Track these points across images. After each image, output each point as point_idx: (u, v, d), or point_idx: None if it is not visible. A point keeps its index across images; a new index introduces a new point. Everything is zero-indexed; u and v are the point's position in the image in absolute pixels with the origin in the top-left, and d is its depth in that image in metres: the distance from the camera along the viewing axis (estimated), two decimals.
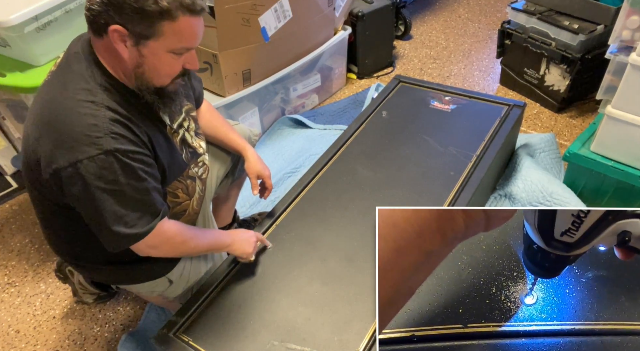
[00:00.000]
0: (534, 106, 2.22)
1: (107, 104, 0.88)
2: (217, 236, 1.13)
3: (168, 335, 1.08)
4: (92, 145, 0.84)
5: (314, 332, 1.05)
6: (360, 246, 1.22)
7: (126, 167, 0.87)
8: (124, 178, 0.87)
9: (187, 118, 1.11)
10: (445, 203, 1.30)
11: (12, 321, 1.51)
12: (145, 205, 0.92)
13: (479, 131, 1.53)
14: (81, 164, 0.85)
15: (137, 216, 0.91)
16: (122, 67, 0.90)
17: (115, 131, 0.86)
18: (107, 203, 0.88)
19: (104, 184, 0.86)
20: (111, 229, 0.90)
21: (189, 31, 0.86)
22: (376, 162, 1.47)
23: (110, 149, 0.85)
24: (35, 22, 1.29)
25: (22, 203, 1.92)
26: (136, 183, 0.89)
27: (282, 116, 2.20)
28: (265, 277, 1.18)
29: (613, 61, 1.44)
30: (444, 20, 2.99)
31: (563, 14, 1.96)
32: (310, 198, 1.37)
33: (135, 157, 0.89)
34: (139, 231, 0.92)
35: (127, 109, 0.91)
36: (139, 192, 0.90)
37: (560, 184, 1.57)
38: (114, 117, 0.87)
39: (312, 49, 2.11)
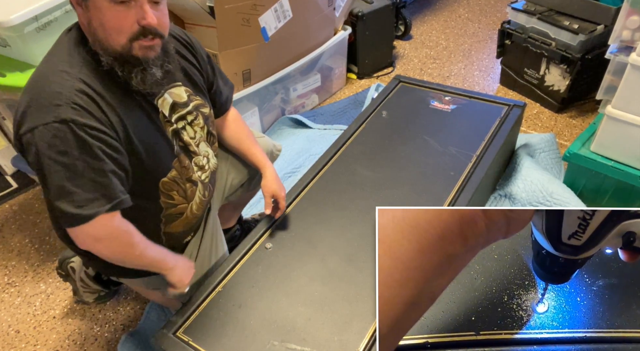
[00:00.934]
0: (534, 106, 2.22)
1: (82, 77, 0.86)
2: (164, 255, 1.06)
3: (168, 335, 1.07)
4: (49, 112, 0.82)
5: (314, 332, 1.05)
6: (360, 246, 1.22)
7: (81, 141, 0.83)
8: (76, 152, 0.83)
9: (196, 113, 1.08)
10: (445, 203, 1.30)
11: (12, 321, 1.51)
12: (98, 187, 0.86)
13: (479, 131, 1.53)
14: (37, 131, 0.82)
15: (87, 196, 0.85)
16: (87, 33, 0.88)
17: (77, 102, 0.83)
18: (55, 175, 0.84)
19: (54, 154, 0.83)
20: (54, 203, 0.85)
21: None
22: (376, 162, 1.47)
23: (66, 118, 0.82)
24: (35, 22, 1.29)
25: (22, 203, 1.92)
26: (91, 160, 0.84)
27: (282, 116, 2.20)
28: (265, 277, 1.18)
29: (613, 61, 1.44)
30: (444, 20, 2.99)
31: (563, 14, 1.96)
32: (310, 198, 1.37)
33: (93, 134, 0.84)
34: (84, 212, 0.85)
35: (106, 87, 0.88)
36: (93, 171, 0.85)
37: (560, 184, 1.57)
38: (81, 89, 0.84)
39: (312, 49, 2.11)
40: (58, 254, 1.70)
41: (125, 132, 0.91)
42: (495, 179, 1.65)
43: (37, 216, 1.86)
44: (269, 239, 1.26)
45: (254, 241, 1.26)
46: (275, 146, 1.44)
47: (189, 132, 1.08)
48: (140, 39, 0.87)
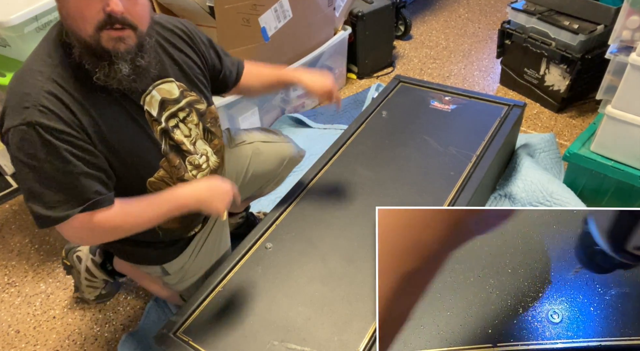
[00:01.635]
0: (534, 106, 2.22)
1: (54, 77, 0.85)
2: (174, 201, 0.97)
3: (168, 335, 1.07)
4: (18, 114, 0.82)
5: (314, 332, 1.05)
6: (360, 246, 1.22)
7: (48, 144, 0.83)
8: (43, 155, 0.83)
9: (189, 110, 1.05)
10: (445, 203, 1.30)
11: (12, 321, 1.51)
12: (68, 189, 0.86)
13: (479, 131, 1.53)
14: (10, 132, 0.83)
15: (57, 198, 0.86)
16: (63, 24, 0.86)
17: (45, 104, 0.83)
18: (26, 177, 0.85)
19: (23, 157, 0.84)
20: (27, 204, 0.87)
21: None
22: (376, 162, 1.47)
23: (32, 121, 0.82)
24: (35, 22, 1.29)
25: (22, 203, 1.92)
26: (58, 163, 0.84)
27: (283, 115, 2.20)
28: (265, 277, 1.18)
29: (613, 61, 1.44)
30: (444, 20, 2.99)
31: (563, 14, 1.96)
32: (310, 198, 1.37)
33: (60, 137, 0.84)
34: (55, 214, 0.86)
35: (80, 86, 0.86)
36: (61, 174, 0.85)
37: (560, 184, 1.57)
38: (50, 91, 0.83)
39: (312, 49, 2.11)
40: (58, 254, 1.70)
41: (98, 133, 0.90)
42: (495, 179, 1.65)
43: None
44: (269, 239, 1.26)
45: (254, 241, 1.26)
46: (299, 153, 1.42)
47: (183, 130, 1.05)
48: (108, 29, 0.83)
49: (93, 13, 0.81)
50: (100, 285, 1.48)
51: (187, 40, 1.06)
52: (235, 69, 1.21)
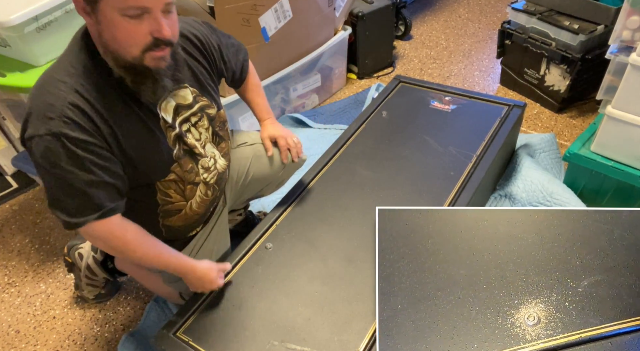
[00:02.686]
0: (534, 106, 2.22)
1: (77, 88, 0.87)
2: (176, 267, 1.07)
3: (168, 335, 1.08)
4: (43, 124, 0.85)
5: (314, 332, 1.05)
6: (360, 246, 1.22)
7: (71, 154, 0.86)
8: (67, 165, 0.87)
9: (200, 114, 1.08)
10: (445, 203, 1.30)
11: (12, 321, 1.51)
12: (87, 197, 0.90)
13: (479, 131, 1.53)
14: (33, 141, 0.86)
15: (77, 205, 0.90)
16: (97, 43, 0.88)
17: (69, 115, 0.85)
18: (48, 184, 0.90)
19: (47, 166, 0.87)
20: (50, 208, 0.92)
21: None
22: (376, 162, 1.47)
23: (57, 132, 0.84)
24: (35, 22, 1.29)
25: (22, 203, 1.92)
26: (81, 172, 0.88)
27: (283, 115, 2.20)
28: (265, 277, 1.18)
29: (613, 61, 1.44)
30: (444, 21, 2.99)
31: (563, 14, 1.96)
32: (310, 198, 1.37)
33: (83, 147, 0.87)
34: (74, 220, 0.91)
35: (101, 96, 0.89)
36: (82, 182, 0.88)
37: (560, 184, 1.57)
38: (74, 102, 0.86)
39: (312, 49, 2.11)
40: (58, 254, 1.70)
41: (116, 142, 0.93)
42: (495, 179, 1.65)
43: (37, 216, 1.86)
44: (269, 239, 1.26)
45: (254, 241, 1.26)
46: (301, 157, 1.42)
47: (194, 134, 1.07)
48: (153, 50, 0.87)
49: (141, 37, 0.84)
50: (101, 284, 1.48)
51: (199, 47, 1.09)
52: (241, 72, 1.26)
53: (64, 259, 1.49)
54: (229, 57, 1.19)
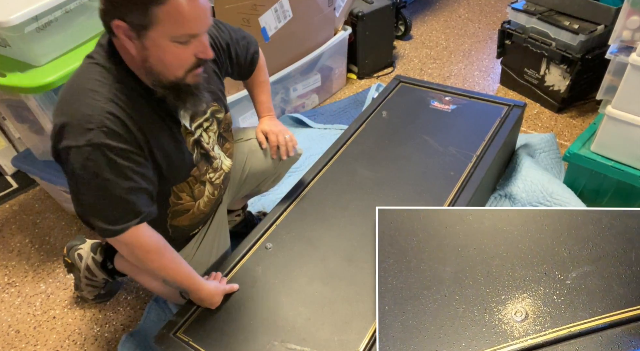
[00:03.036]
0: (534, 106, 2.22)
1: (111, 97, 0.88)
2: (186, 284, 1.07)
3: (168, 335, 1.08)
4: (82, 135, 0.85)
5: (314, 332, 1.05)
6: (360, 246, 1.22)
7: (113, 164, 0.88)
8: (108, 174, 0.88)
9: (212, 119, 1.12)
10: (445, 203, 1.30)
11: (12, 321, 1.51)
12: (127, 204, 0.92)
13: (479, 131, 1.53)
14: (70, 151, 0.86)
15: (117, 213, 0.91)
16: (135, 63, 0.90)
17: (108, 125, 0.86)
18: (88, 194, 0.89)
19: (87, 175, 0.87)
20: (87, 218, 0.92)
21: (184, 14, 0.82)
22: (376, 162, 1.47)
23: (98, 143, 0.86)
24: (35, 22, 1.29)
25: (22, 203, 1.92)
26: (121, 181, 0.89)
27: (283, 115, 2.20)
28: (265, 277, 1.18)
29: (613, 61, 1.44)
30: (444, 20, 2.99)
31: (563, 14, 1.95)
32: (310, 198, 1.37)
33: (124, 155, 0.89)
34: (115, 228, 0.92)
35: (133, 105, 0.91)
36: (123, 190, 0.90)
37: (560, 184, 1.57)
38: (111, 112, 0.87)
39: (312, 49, 2.11)
40: (58, 254, 1.70)
41: (148, 149, 0.95)
42: (495, 179, 1.65)
43: (37, 216, 1.86)
44: (269, 239, 1.26)
45: (254, 241, 1.26)
46: (297, 151, 1.43)
47: (204, 138, 1.10)
48: (195, 69, 0.92)
49: (188, 59, 0.89)
50: (100, 285, 1.48)
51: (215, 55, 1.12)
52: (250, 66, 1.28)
53: (64, 260, 1.49)
54: (238, 52, 1.21)
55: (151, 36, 0.84)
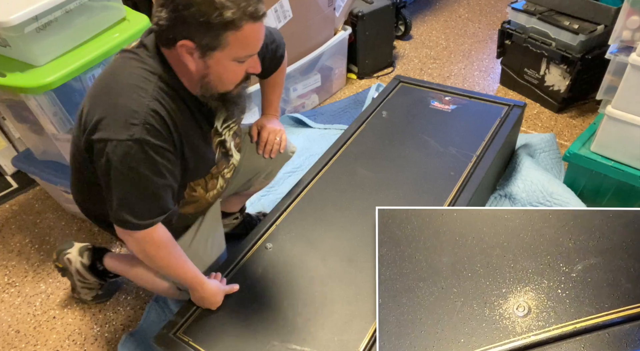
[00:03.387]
0: (534, 106, 2.22)
1: (156, 96, 0.91)
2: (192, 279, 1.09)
3: (168, 335, 1.08)
4: (125, 130, 0.88)
5: (314, 332, 1.05)
6: (360, 246, 1.22)
7: (150, 160, 0.90)
8: (145, 170, 0.90)
9: (238, 120, 1.16)
10: (445, 203, 1.30)
11: (12, 321, 1.51)
12: (157, 200, 0.95)
13: (479, 131, 1.53)
14: (110, 143, 0.88)
15: (146, 208, 0.94)
16: (188, 76, 0.94)
17: (151, 122, 0.89)
18: (120, 187, 0.91)
19: (124, 169, 0.89)
20: (116, 211, 0.94)
21: (253, 38, 0.89)
22: (376, 162, 1.47)
23: (140, 138, 0.88)
24: (36, 22, 1.29)
25: (22, 203, 1.92)
26: (156, 177, 0.92)
27: (283, 115, 2.20)
28: (265, 277, 1.18)
29: (613, 61, 1.44)
30: (444, 21, 2.99)
31: (563, 14, 1.95)
32: (310, 198, 1.37)
33: (161, 153, 0.92)
34: (142, 222, 0.94)
35: (174, 106, 0.94)
36: (155, 186, 0.93)
37: (560, 184, 1.57)
38: (155, 110, 0.90)
39: (312, 49, 2.11)
40: None
41: (181, 148, 0.98)
42: (495, 179, 1.65)
43: (37, 216, 1.86)
44: (269, 239, 1.26)
45: (254, 241, 1.26)
46: (290, 148, 1.44)
47: (228, 138, 1.14)
48: (243, 82, 0.98)
49: (241, 75, 0.96)
50: (96, 286, 1.48)
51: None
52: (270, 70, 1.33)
53: (55, 265, 1.49)
54: (265, 56, 1.24)
55: (217, 56, 0.88)
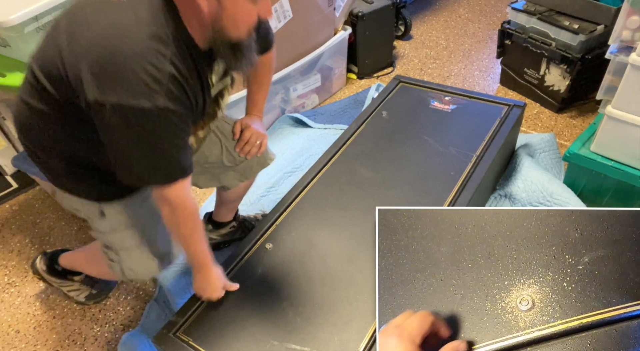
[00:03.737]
0: (534, 106, 2.22)
1: (173, 60, 0.88)
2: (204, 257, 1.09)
3: (168, 335, 1.08)
4: (147, 97, 0.85)
5: (314, 332, 1.05)
6: (360, 246, 1.22)
7: (172, 125, 0.90)
8: (166, 134, 0.90)
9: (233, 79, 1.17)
10: (445, 203, 1.30)
11: (12, 321, 1.51)
12: (178, 159, 0.95)
13: (479, 131, 1.53)
14: (130, 110, 0.85)
15: (169, 168, 0.95)
16: (199, 21, 0.90)
17: (172, 89, 0.88)
18: (142, 150, 0.90)
19: (145, 134, 0.88)
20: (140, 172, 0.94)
21: None
22: (376, 162, 1.47)
23: (162, 107, 0.87)
24: (36, 22, 1.29)
25: (22, 203, 1.92)
26: (176, 140, 0.93)
27: (283, 115, 2.20)
28: (265, 277, 1.18)
29: (613, 61, 1.44)
30: (444, 20, 2.99)
31: (563, 14, 1.96)
32: (310, 198, 1.37)
33: (180, 118, 0.92)
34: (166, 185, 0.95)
35: (187, 66, 0.92)
36: (176, 148, 0.93)
37: (560, 184, 1.57)
38: (174, 75, 0.88)
39: (312, 49, 2.11)
40: None
41: (191, 107, 0.97)
42: (495, 179, 1.65)
43: (37, 216, 1.86)
44: (269, 239, 1.26)
45: (254, 241, 1.26)
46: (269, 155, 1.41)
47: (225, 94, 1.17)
48: (253, 29, 0.95)
49: (254, 17, 0.93)
50: (81, 286, 1.49)
51: None
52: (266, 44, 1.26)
53: (37, 278, 1.52)
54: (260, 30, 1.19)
55: None
